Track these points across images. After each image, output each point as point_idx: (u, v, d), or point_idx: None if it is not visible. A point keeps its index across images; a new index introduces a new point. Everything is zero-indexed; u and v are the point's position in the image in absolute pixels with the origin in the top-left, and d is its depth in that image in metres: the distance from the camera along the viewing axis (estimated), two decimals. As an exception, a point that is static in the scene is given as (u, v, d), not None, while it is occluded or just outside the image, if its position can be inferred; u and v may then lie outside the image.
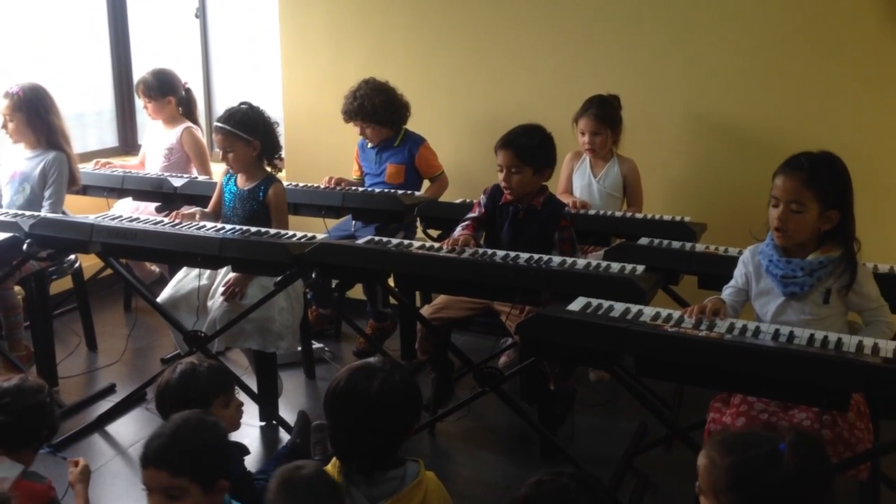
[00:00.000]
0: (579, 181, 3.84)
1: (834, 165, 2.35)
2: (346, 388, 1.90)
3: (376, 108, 3.96)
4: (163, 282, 4.14)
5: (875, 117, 3.58)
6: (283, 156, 3.51)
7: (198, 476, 1.86)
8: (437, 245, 3.00)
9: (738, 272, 2.53)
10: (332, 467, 1.94)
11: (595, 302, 2.38)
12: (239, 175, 3.43)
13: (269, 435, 3.34)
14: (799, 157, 2.35)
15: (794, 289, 2.37)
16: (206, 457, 1.90)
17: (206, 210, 3.52)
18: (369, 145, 4.14)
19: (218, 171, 3.58)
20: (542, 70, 4.09)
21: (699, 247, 3.06)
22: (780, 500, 1.55)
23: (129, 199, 4.39)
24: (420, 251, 2.89)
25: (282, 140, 3.60)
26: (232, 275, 3.21)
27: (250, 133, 3.31)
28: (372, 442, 1.87)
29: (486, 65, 4.20)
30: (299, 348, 3.71)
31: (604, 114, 3.69)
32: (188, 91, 4.56)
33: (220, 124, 3.32)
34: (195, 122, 4.57)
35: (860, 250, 2.38)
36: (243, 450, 2.45)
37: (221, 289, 3.26)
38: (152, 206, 4.25)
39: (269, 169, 3.44)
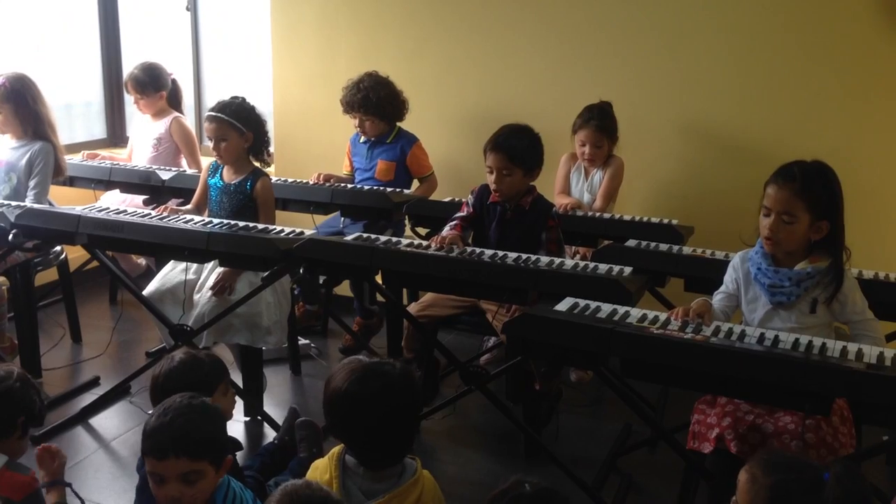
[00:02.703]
0: (575, 185, 3.85)
1: (826, 176, 2.34)
2: (354, 392, 1.86)
3: (380, 101, 3.96)
4: (149, 275, 4.12)
5: (865, 123, 3.60)
6: (271, 151, 3.50)
7: (214, 457, 1.88)
8: (425, 243, 3.00)
9: (729, 277, 2.54)
10: (328, 459, 1.93)
11: (582, 302, 2.39)
12: (225, 169, 3.43)
13: (253, 430, 3.34)
14: (791, 168, 2.34)
15: (781, 298, 2.37)
16: (218, 437, 1.93)
17: (190, 207, 3.51)
18: (361, 140, 4.13)
19: (207, 161, 3.57)
20: (533, 70, 4.09)
21: (686, 250, 3.07)
22: None
23: (117, 191, 4.36)
24: (408, 248, 2.89)
25: (271, 135, 3.59)
26: (221, 269, 3.21)
27: (244, 124, 3.32)
28: (390, 436, 1.87)
29: (477, 63, 4.20)
30: (285, 345, 3.70)
31: (605, 125, 3.69)
32: (174, 83, 4.56)
33: (215, 113, 3.32)
34: (181, 112, 4.56)
35: (850, 259, 2.39)
36: (237, 445, 2.44)
37: (210, 282, 3.25)
38: (139, 198, 4.24)
39: (256, 164, 3.43)
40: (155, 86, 4.39)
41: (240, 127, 3.31)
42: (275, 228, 3.13)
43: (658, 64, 3.88)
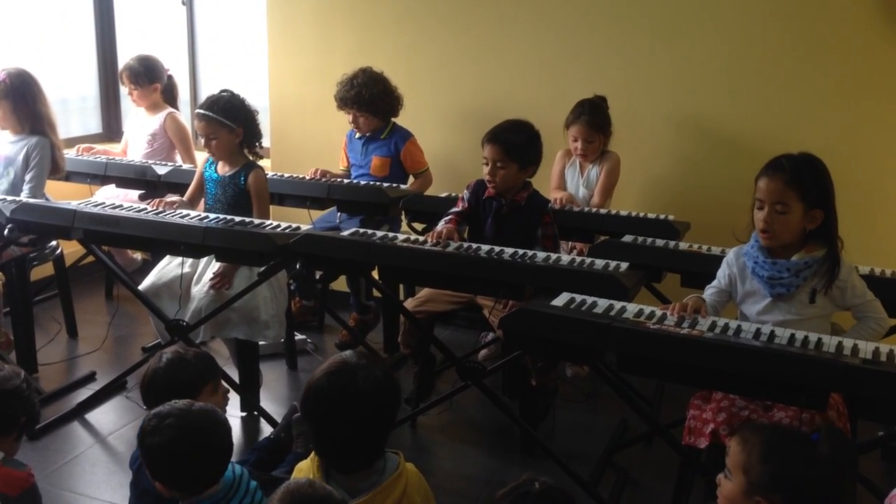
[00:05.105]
0: (570, 180, 3.85)
1: (815, 165, 2.37)
2: (328, 389, 1.85)
3: (374, 98, 3.96)
4: (145, 270, 4.11)
5: (859, 120, 3.61)
6: (263, 144, 3.49)
7: (170, 483, 1.91)
8: (421, 238, 3.00)
9: (722, 273, 2.55)
10: (311, 461, 1.93)
11: (579, 298, 2.39)
12: (219, 162, 3.42)
13: (250, 425, 3.34)
14: (780, 159, 2.37)
15: (781, 290, 2.38)
16: (188, 470, 1.90)
17: (184, 199, 3.51)
18: (357, 135, 4.13)
19: (202, 157, 3.56)
20: (528, 65, 4.09)
21: (683, 245, 3.08)
22: (811, 477, 1.61)
23: (113, 186, 4.36)
24: (405, 244, 2.89)
25: (267, 130, 3.57)
26: (218, 264, 3.20)
27: (233, 120, 3.31)
28: (365, 438, 1.85)
29: (473, 59, 4.20)
30: (282, 340, 3.70)
31: (596, 120, 3.69)
32: (170, 78, 4.54)
33: (203, 111, 3.31)
34: (176, 108, 4.55)
35: (844, 250, 2.40)
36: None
37: (206, 277, 3.25)
38: (135, 193, 4.23)
39: (250, 157, 3.43)
40: (149, 77, 4.36)
41: (228, 124, 3.30)
42: (271, 223, 3.12)
43: (653, 59, 3.88)
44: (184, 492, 1.91)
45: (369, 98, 3.96)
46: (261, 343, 3.37)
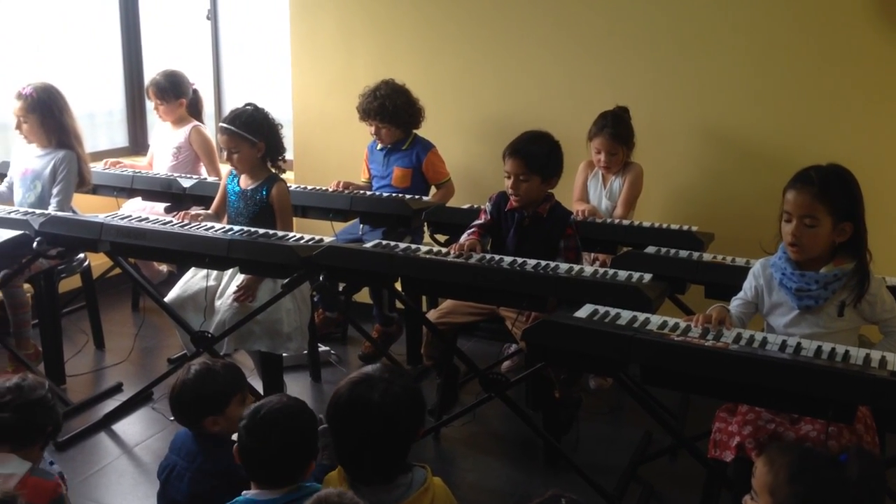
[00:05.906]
0: (592, 192, 3.84)
1: (844, 177, 2.34)
2: (349, 401, 1.88)
3: (397, 109, 3.98)
4: (171, 282, 4.15)
5: (882, 128, 3.57)
6: (286, 158, 3.51)
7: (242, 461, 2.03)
8: (444, 250, 3.00)
9: (748, 285, 2.52)
10: (337, 473, 1.94)
11: (602, 309, 2.38)
12: (242, 175, 3.45)
13: (273, 437, 3.35)
14: (809, 172, 2.34)
15: (809, 302, 2.36)
16: (252, 454, 2.01)
17: (209, 212, 3.54)
18: (378, 147, 4.15)
19: (226, 170, 3.59)
20: (551, 76, 4.09)
21: (706, 256, 3.06)
22: (839, 500, 1.59)
23: (139, 199, 4.41)
24: (427, 255, 2.89)
25: (290, 142, 3.58)
26: (243, 277, 3.22)
27: (255, 134, 3.33)
28: (379, 452, 1.86)
29: (495, 69, 4.21)
30: (306, 351, 3.71)
31: (619, 132, 3.67)
32: (195, 92, 4.59)
33: (225, 125, 3.33)
34: (201, 122, 4.60)
35: (871, 262, 2.37)
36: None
37: (231, 289, 3.27)
38: (161, 206, 4.27)
39: (272, 170, 3.45)
40: (175, 93, 4.43)
41: (251, 138, 3.32)
42: (294, 235, 3.14)
43: (676, 69, 3.86)
44: (253, 477, 2.01)
45: (392, 110, 3.97)
46: (284, 355, 3.39)
